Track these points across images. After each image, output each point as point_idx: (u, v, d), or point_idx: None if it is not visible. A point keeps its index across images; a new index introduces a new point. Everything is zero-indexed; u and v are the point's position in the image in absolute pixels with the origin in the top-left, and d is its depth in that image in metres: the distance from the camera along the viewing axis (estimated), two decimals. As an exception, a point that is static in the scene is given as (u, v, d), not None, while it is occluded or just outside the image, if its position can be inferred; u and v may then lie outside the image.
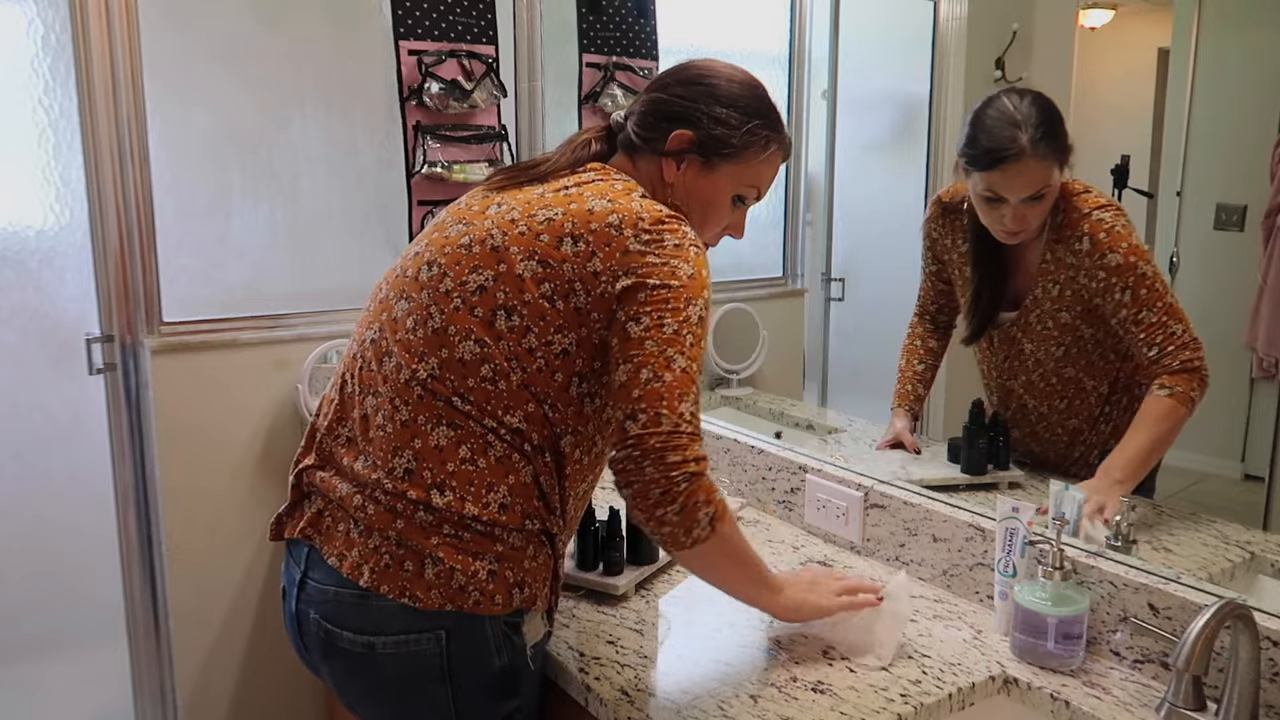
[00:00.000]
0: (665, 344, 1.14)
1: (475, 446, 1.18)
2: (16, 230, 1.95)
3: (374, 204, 2.12)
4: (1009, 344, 1.66)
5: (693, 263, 1.18)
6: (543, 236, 1.19)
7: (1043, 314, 1.59)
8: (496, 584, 1.18)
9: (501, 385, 1.18)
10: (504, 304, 1.18)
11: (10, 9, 1.87)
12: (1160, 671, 1.27)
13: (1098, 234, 1.49)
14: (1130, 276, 1.48)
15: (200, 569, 2.00)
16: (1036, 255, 1.57)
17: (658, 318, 1.15)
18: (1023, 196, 1.49)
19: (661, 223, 1.19)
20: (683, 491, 1.14)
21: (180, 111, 1.89)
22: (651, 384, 1.13)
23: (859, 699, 1.23)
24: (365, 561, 1.18)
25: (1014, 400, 1.69)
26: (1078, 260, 1.51)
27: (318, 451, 1.30)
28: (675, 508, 1.15)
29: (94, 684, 2.17)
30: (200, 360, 1.94)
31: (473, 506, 1.17)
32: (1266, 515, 1.44)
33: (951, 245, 1.72)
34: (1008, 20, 1.73)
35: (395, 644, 1.18)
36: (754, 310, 2.34)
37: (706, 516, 1.17)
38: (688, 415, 1.15)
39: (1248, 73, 1.46)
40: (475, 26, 2.16)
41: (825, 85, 2.22)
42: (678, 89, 1.31)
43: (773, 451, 1.87)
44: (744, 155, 1.30)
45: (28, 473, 2.05)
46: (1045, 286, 1.57)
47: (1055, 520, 1.34)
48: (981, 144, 1.50)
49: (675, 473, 1.13)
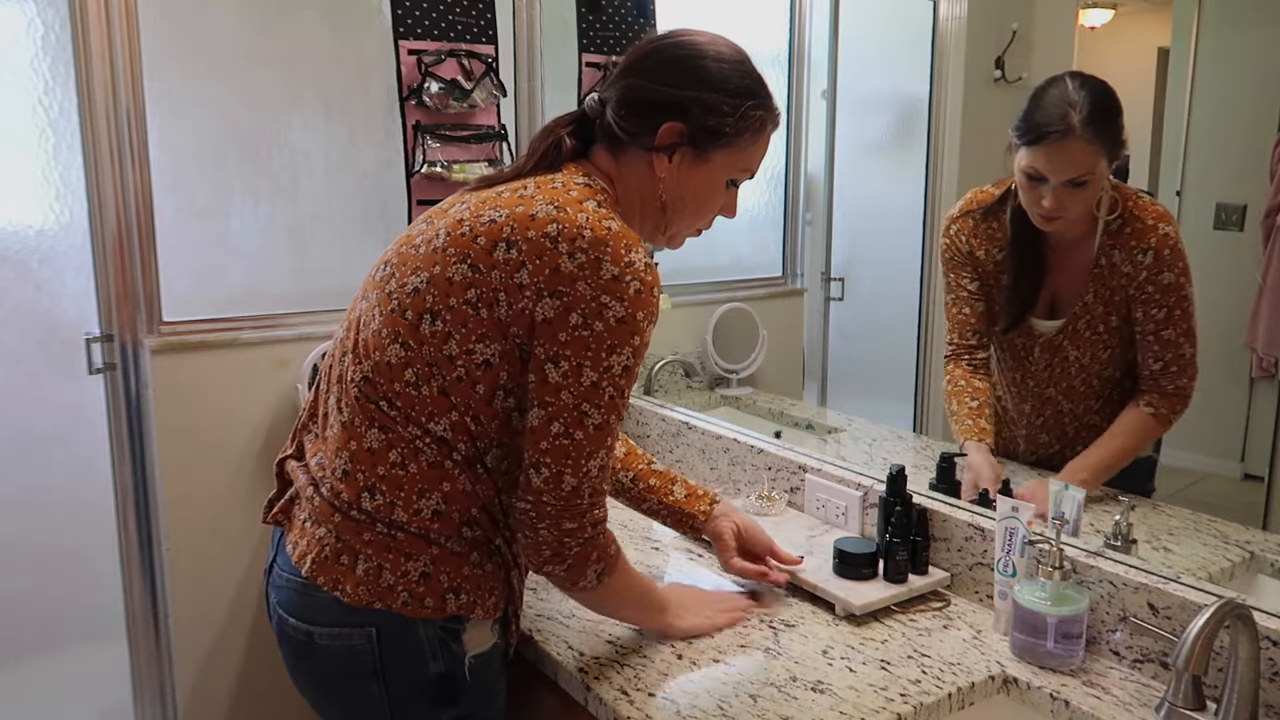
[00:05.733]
0: (581, 397, 1.10)
1: (405, 451, 1.15)
2: (16, 230, 1.95)
3: (374, 204, 2.12)
4: (1052, 352, 1.62)
5: (628, 301, 1.09)
6: (480, 239, 1.13)
7: (1093, 319, 1.56)
8: (428, 586, 1.16)
9: (424, 390, 1.14)
10: (430, 307, 1.13)
11: (10, 9, 1.87)
12: (1160, 671, 1.27)
13: (1163, 250, 1.48)
14: (1174, 296, 1.48)
15: (200, 569, 2.00)
16: (1087, 258, 1.54)
17: (576, 364, 1.09)
18: (1064, 178, 1.46)
19: (604, 244, 1.09)
20: (572, 554, 1.18)
21: (180, 111, 1.89)
22: (560, 440, 1.12)
23: (859, 699, 1.23)
24: (310, 551, 1.19)
25: (1049, 406, 1.66)
26: (1135, 271, 1.50)
27: (295, 443, 1.32)
28: (563, 567, 1.19)
29: (94, 684, 2.17)
30: (200, 360, 1.94)
31: (402, 512, 1.16)
32: (1266, 515, 1.44)
33: (986, 256, 1.66)
34: (1008, 20, 1.73)
35: (330, 635, 1.18)
36: (754, 310, 2.34)
37: (595, 573, 1.21)
38: (594, 472, 1.14)
39: (1248, 72, 1.46)
40: (475, 26, 2.16)
41: (825, 85, 2.22)
42: (662, 74, 1.21)
43: (772, 451, 1.87)
44: (738, 141, 1.23)
45: (28, 473, 2.05)
46: (1098, 292, 1.54)
47: (1055, 520, 1.34)
48: (1033, 118, 1.47)
49: (568, 539, 1.17)
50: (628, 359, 1.11)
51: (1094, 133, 1.43)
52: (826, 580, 1.50)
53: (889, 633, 1.40)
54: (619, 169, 1.24)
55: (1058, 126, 1.43)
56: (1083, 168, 1.45)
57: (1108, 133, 1.45)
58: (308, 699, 1.29)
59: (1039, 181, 1.48)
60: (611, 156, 1.24)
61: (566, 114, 1.29)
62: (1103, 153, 1.45)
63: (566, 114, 1.29)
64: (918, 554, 1.51)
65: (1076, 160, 1.45)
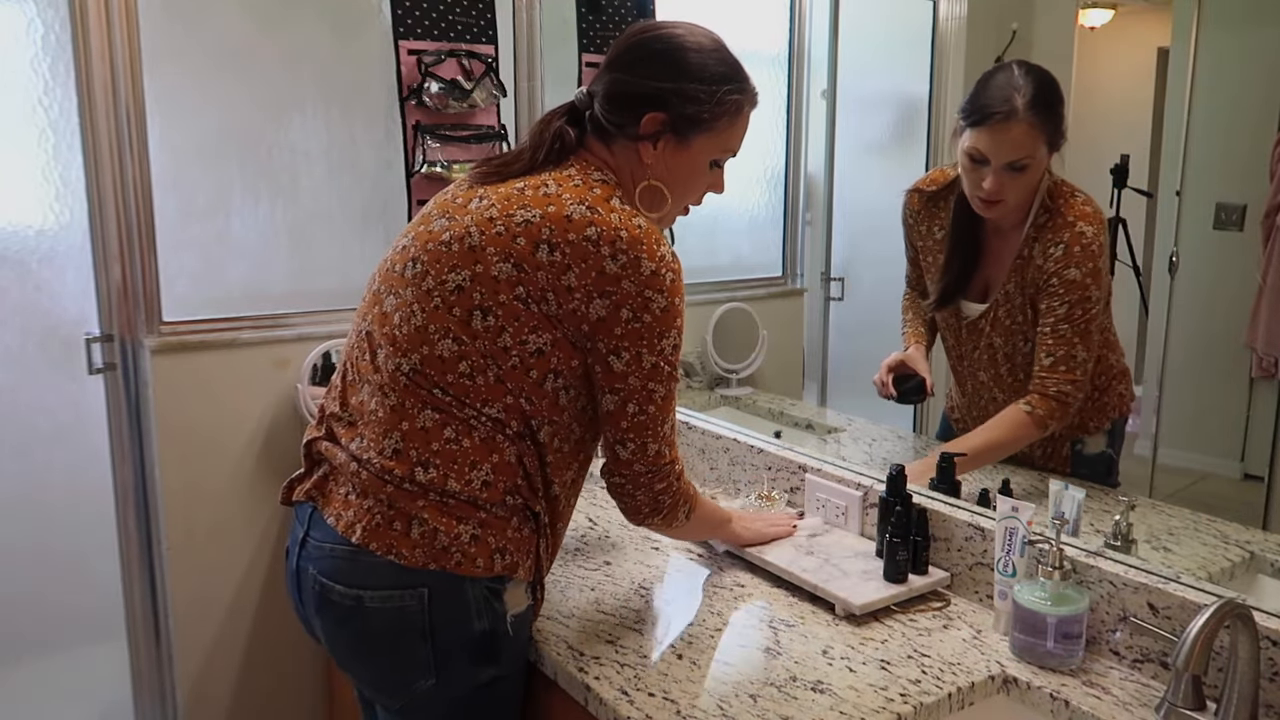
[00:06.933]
0: (646, 378, 1.25)
1: (459, 429, 1.23)
2: (16, 230, 1.95)
3: (374, 203, 2.12)
4: (976, 336, 1.67)
5: (666, 291, 1.23)
6: (519, 240, 1.21)
7: (1012, 308, 1.60)
8: (478, 547, 1.23)
9: (479, 380, 1.23)
10: (480, 304, 1.22)
11: (10, 9, 1.87)
12: (1160, 671, 1.27)
13: (1074, 246, 1.51)
14: (1077, 294, 1.51)
15: (200, 569, 2.00)
16: (1013, 248, 1.58)
17: (636, 353, 1.23)
18: (1005, 160, 1.50)
19: (639, 244, 1.21)
20: (666, 506, 1.35)
21: (180, 111, 1.89)
22: (638, 417, 1.26)
23: (859, 698, 1.23)
24: (359, 520, 1.24)
25: (983, 392, 1.70)
26: (1045, 262, 1.54)
27: (325, 427, 1.35)
28: (660, 517, 1.37)
29: (94, 684, 2.17)
30: (200, 360, 1.95)
31: (455, 483, 1.23)
32: (1266, 515, 1.44)
33: (927, 232, 1.75)
34: (1007, 20, 1.73)
35: (381, 598, 1.23)
36: (754, 310, 2.34)
37: (684, 513, 1.40)
38: (668, 434, 1.31)
39: (1247, 72, 1.46)
40: (475, 26, 2.16)
41: (825, 85, 2.22)
42: (642, 68, 1.30)
43: (772, 451, 1.87)
44: (716, 125, 1.31)
45: (28, 472, 2.05)
46: (1018, 281, 1.58)
47: (1055, 520, 1.34)
48: (979, 100, 1.53)
49: (662, 496, 1.34)
50: (675, 338, 1.26)
51: (1036, 116, 1.48)
52: (827, 580, 1.50)
53: (889, 633, 1.40)
54: (613, 158, 1.33)
55: (1001, 108, 1.49)
56: (1024, 150, 1.50)
57: (1050, 118, 1.50)
58: (348, 664, 1.33)
59: (981, 164, 1.53)
60: (605, 147, 1.33)
61: (559, 106, 1.37)
62: (1043, 138, 1.50)
63: (559, 106, 1.37)
64: (918, 554, 1.52)
65: (1018, 143, 1.49)
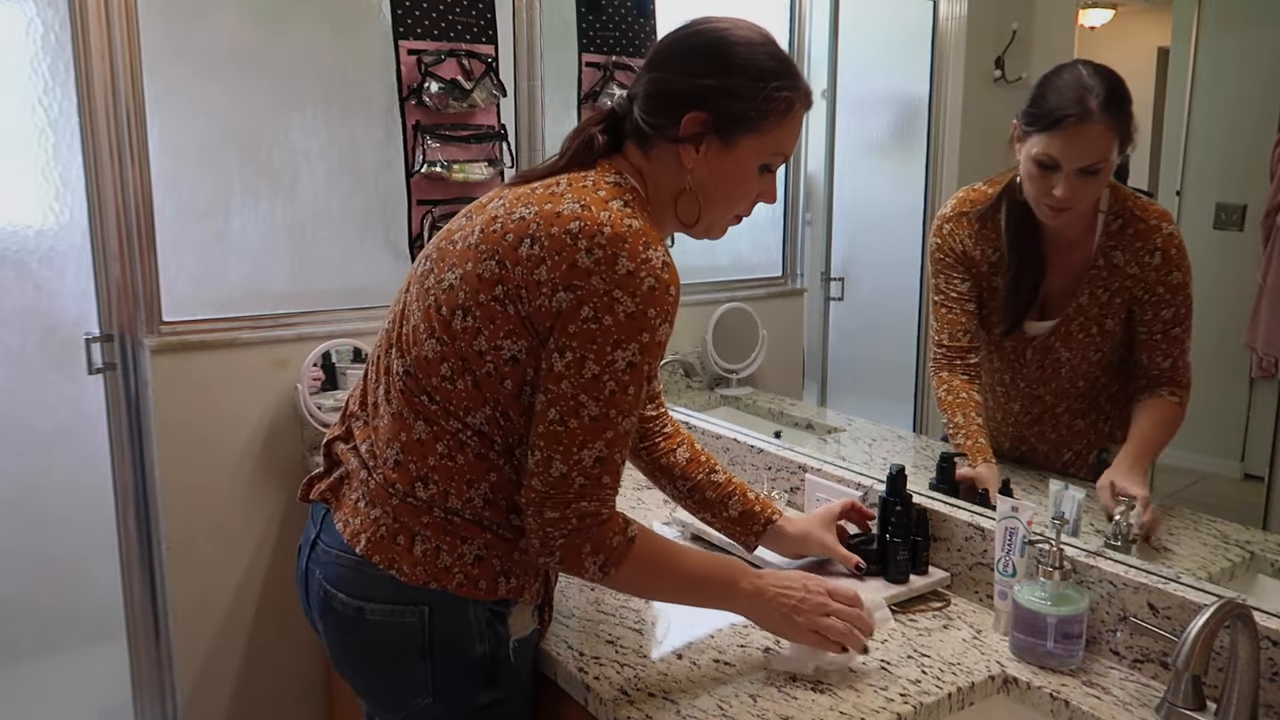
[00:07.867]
0: (580, 388, 1.10)
1: (451, 444, 1.18)
2: (16, 230, 1.95)
3: (374, 203, 2.12)
4: (1044, 353, 1.60)
5: (640, 297, 1.09)
6: (508, 235, 1.14)
7: (1087, 320, 1.54)
8: (482, 569, 1.19)
9: (459, 384, 1.16)
10: (463, 303, 1.15)
11: (10, 9, 1.87)
12: (1160, 671, 1.27)
13: (1170, 249, 1.46)
14: (1181, 295, 1.47)
15: (200, 569, 2.00)
16: (1083, 257, 1.52)
17: (580, 356, 1.10)
18: (1079, 165, 1.42)
19: (622, 240, 1.09)
20: (558, 545, 1.15)
21: (180, 111, 1.89)
22: (554, 426, 1.12)
23: (859, 699, 1.23)
24: (364, 530, 1.21)
25: (1037, 405, 1.65)
26: (1143, 271, 1.48)
27: (345, 427, 1.33)
28: (555, 559, 1.17)
29: (94, 684, 2.17)
30: (200, 360, 1.95)
31: (455, 500, 1.19)
32: (1266, 515, 1.44)
33: (982, 257, 1.63)
34: (1007, 20, 1.73)
35: (382, 612, 1.20)
36: (754, 310, 2.34)
37: (595, 565, 1.17)
38: (586, 463, 1.12)
39: (1247, 72, 1.46)
40: (475, 26, 2.16)
41: (825, 85, 2.22)
42: (683, 64, 1.20)
43: (772, 451, 1.87)
44: (764, 124, 1.20)
45: (27, 473, 2.05)
46: (1094, 293, 1.52)
47: (1055, 520, 1.34)
48: (1048, 103, 1.43)
49: (550, 529, 1.15)
50: (633, 355, 1.10)
51: (1111, 117, 1.40)
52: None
53: (889, 632, 1.40)
54: (649, 164, 1.23)
55: (1075, 110, 1.40)
56: (1099, 153, 1.42)
57: (1123, 118, 1.42)
58: (347, 673, 1.31)
59: (1051, 170, 1.45)
60: (641, 152, 1.23)
61: (597, 112, 1.29)
62: (1117, 137, 1.42)
63: (597, 112, 1.29)
64: (918, 554, 1.51)
65: (1093, 145, 1.42)
